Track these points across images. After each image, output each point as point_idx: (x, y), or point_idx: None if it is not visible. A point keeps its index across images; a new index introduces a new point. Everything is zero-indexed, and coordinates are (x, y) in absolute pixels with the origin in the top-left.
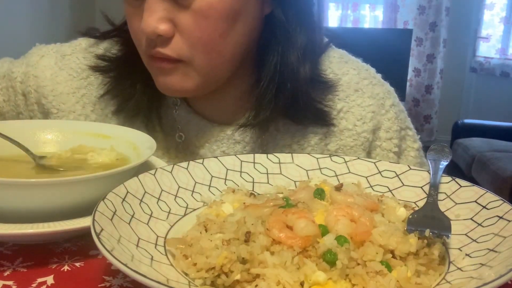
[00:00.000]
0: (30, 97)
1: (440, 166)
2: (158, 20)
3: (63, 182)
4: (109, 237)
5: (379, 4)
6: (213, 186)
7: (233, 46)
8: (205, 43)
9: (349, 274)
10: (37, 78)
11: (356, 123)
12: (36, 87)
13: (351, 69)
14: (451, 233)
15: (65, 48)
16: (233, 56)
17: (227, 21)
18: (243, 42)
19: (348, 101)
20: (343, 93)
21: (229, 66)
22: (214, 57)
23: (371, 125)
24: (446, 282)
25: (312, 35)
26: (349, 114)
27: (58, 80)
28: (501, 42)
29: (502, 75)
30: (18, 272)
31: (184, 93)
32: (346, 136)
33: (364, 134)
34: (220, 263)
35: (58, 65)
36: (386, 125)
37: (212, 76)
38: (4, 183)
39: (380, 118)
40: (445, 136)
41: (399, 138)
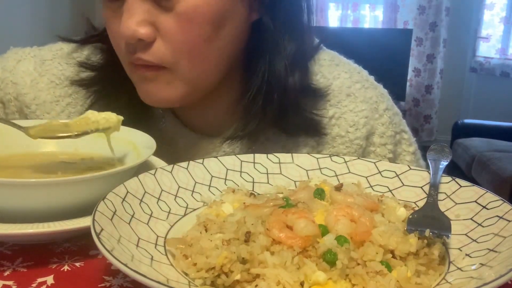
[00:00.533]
0: (10, 105)
1: (440, 166)
2: (138, 23)
3: (63, 182)
4: (109, 237)
5: (379, 4)
6: (213, 186)
7: (219, 52)
8: (189, 49)
9: (349, 274)
10: (16, 85)
11: (349, 130)
12: (16, 95)
13: (343, 73)
14: (451, 233)
15: (45, 53)
16: (219, 64)
17: (212, 25)
18: (230, 49)
19: (340, 107)
20: (334, 98)
21: (215, 74)
22: (198, 64)
23: (365, 131)
24: (446, 282)
25: (301, 43)
26: (342, 120)
27: (40, 87)
28: (501, 42)
29: (502, 75)
30: (18, 272)
31: (169, 103)
32: (339, 143)
33: (357, 141)
34: (220, 263)
35: (37, 70)
36: (380, 130)
37: (198, 85)
38: (4, 183)
39: (373, 123)
40: (445, 136)
41: (394, 143)
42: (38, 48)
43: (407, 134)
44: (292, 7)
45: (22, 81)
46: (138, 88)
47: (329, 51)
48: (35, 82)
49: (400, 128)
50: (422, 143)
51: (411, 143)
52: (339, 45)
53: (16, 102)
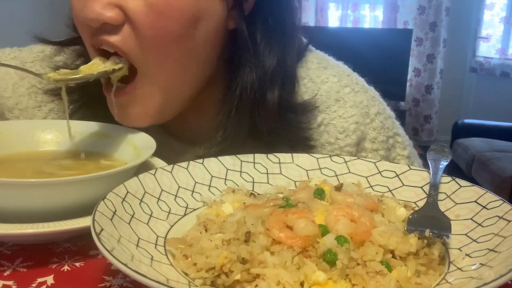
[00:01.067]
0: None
1: (440, 166)
2: (104, 5)
3: (63, 182)
4: (109, 237)
5: (379, 4)
6: (213, 186)
7: (192, 55)
8: (159, 45)
9: (349, 274)
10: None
11: (339, 136)
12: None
13: (331, 76)
14: (451, 233)
15: (25, 55)
16: (194, 70)
17: (183, 23)
18: (204, 54)
19: (329, 113)
20: (323, 104)
21: (191, 82)
22: (170, 65)
23: (355, 138)
24: (446, 282)
25: (283, 57)
26: (331, 126)
27: (21, 92)
28: (501, 42)
29: (502, 75)
30: (18, 272)
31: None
32: (328, 150)
33: (347, 148)
34: (220, 263)
35: (18, 73)
36: (371, 135)
37: (173, 94)
38: (4, 183)
39: (364, 128)
40: (445, 136)
41: (386, 148)
42: (18, 49)
43: (400, 137)
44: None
45: (3, 83)
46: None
47: (317, 53)
48: (16, 86)
49: (393, 132)
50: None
51: (405, 146)
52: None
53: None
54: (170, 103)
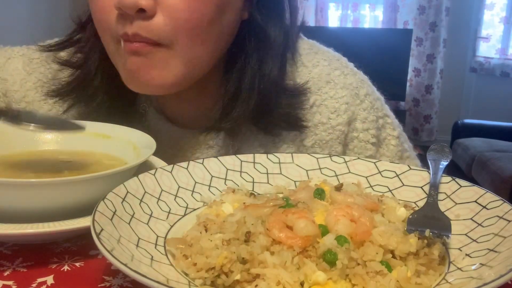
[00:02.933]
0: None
1: (440, 166)
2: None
3: (63, 182)
4: (109, 237)
5: (379, 4)
6: (213, 186)
7: (217, 38)
8: (192, 27)
9: (349, 274)
10: (5, 82)
11: (330, 116)
12: (5, 91)
13: (322, 60)
14: (451, 233)
15: (33, 52)
16: (215, 50)
17: (216, 8)
18: (225, 39)
19: (320, 94)
20: (315, 86)
21: (209, 60)
22: (198, 45)
23: (346, 117)
24: (446, 282)
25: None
26: (323, 107)
27: (28, 87)
28: (501, 42)
29: (502, 75)
30: (18, 272)
31: (160, 88)
32: (321, 130)
33: (339, 127)
34: (220, 263)
35: (25, 69)
36: (362, 115)
37: (193, 68)
38: (4, 183)
39: (354, 109)
40: (445, 136)
41: (377, 127)
42: (26, 47)
43: (390, 119)
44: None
45: (11, 78)
46: (126, 69)
47: (307, 40)
48: (24, 81)
49: (382, 113)
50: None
51: (395, 127)
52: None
53: (5, 98)
54: (187, 77)
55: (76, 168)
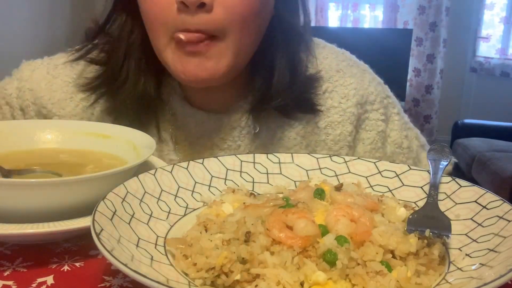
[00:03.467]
0: (29, 110)
1: (440, 166)
2: None
3: (63, 182)
4: (109, 237)
5: (379, 4)
6: (213, 186)
7: (259, 30)
8: (243, 19)
9: (349, 274)
10: (32, 91)
11: (341, 101)
12: (33, 99)
13: (329, 53)
14: (451, 233)
15: (56, 59)
16: (256, 42)
17: (260, 3)
18: (262, 31)
19: (332, 82)
20: (326, 74)
21: (252, 50)
22: (246, 36)
23: (355, 100)
24: (446, 282)
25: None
26: (334, 93)
27: (54, 88)
28: (501, 42)
29: (502, 75)
30: (18, 272)
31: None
32: (333, 113)
33: (349, 109)
34: (220, 263)
35: (50, 74)
36: (370, 98)
37: (241, 58)
38: (4, 183)
39: (362, 93)
40: (445, 136)
41: (384, 106)
42: (49, 58)
43: (391, 99)
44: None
45: (37, 86)
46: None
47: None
48: (49, 84)
49: (385, 94)
50: None
51: (395, 105)
52: (339, 45)
53: (34, 106)
54: (235, 68)
55: (76, 168)
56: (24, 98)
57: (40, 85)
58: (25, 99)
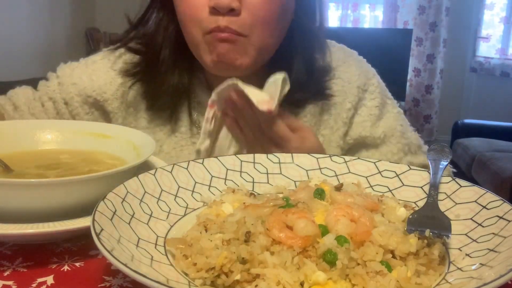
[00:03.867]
0: (73, 102)
1: (440, 166)
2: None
3: (63, 182)
4: (109, 237)
5: (379, 4)
6: (213, 186)
7: (281, 30)
8: (266, 22)
9: (349, 274)
10: (75, 85)
11: (344, 84)
12: (77, 92)
13: (338, 50)
14: (451, 233)
15: (93, 57)
16: (278, 41)
17: (282, 8)
18: (283, 32)
19: (338, 70)
20: (334, 62)
21: (273, 49)
22: (269, 35)
23: (356, 84)
24: (446, 282)
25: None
26: (339, 80)
27: (94, 78)
28: (501, 42)
29: (502, 75)
30: (18, 272)
31: (239, 69)
32: (336, 94)
33: (351, 90)
34: (220, 263)
35: (90, 68)
36: (370, 89)
37: (263, 54)
38: (4, 183)
39: (365, 81)
40: (445, 136)
41: (381, 103)
42: (85, 59)
43: (390, 100)
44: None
45: (79, 80)
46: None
47: None
48: (90, 77)
49: (385, 94)
50: None
51: (395, 106)
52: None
53: (79, 97)
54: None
55: (76, 168)
56: (67, 92)
57: (82, 78)
58: (69, 92)
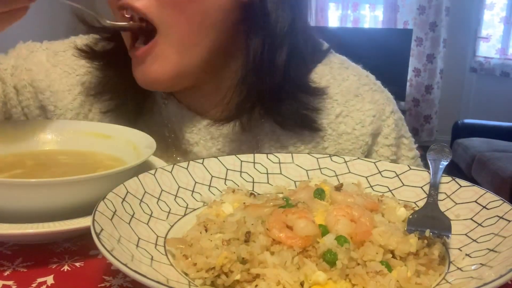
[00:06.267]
0: (25, 91)
1: (440, 166)
2: None
3: (63, 182)
4: (109, 237)
5: (379, 4)
6: (213, 186)
7: (204, 17)
8: (174, 3)
9: (349, 274)
10: (30, 72)
11: (355, 127)
12: (30, 81)
13: (352, 75)
14: (451, 233)
15: (57, 46)
16: (209, 34)
17: None
18: (219, 20)
19: (347, 106)
20: (342, 98)
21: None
22: (185, 26)
23: (370, 129)
24: (446, 282)
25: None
26: (348, 118)
27: (53, 77)
28: (501, 42)
29: (502, 75)
30: (18, 272)
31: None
32: (345, 140)
33: (362, 137)
34: (220, 263)
35: (50, 61)
36: (385, 131)
37: (189, 56)
38: (4, 183)
39: (380, 123)
40: (445, 136)
41: (397, 145)
42: (49, 42)
43: (407, 140)
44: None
45: (36, 68)
46: (135, 70)
47: (339, 56)
48: (48, 72)
49: (401, 134)
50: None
51: (411, 148)
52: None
53: (31, 88)
54: (186, 64)
55: (76, 168)
56: (20, 78)
57: (39, 68)
58: (22, 78)
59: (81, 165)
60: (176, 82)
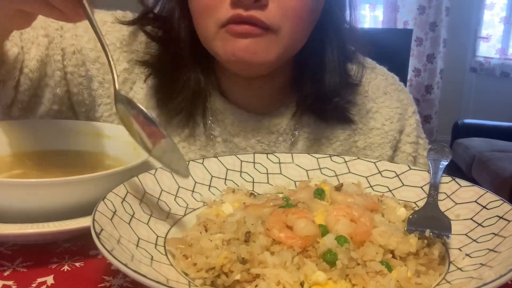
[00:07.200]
0: (73, 57)
1: (440, 166)
2: None
3: (63, 182)
4: (109, 237)
5: (379, 4)
6: (213, 186)
7: (310, 26)
8: (297, 14)
9: (349, 274)
10: (81, 38)
11: (384, 123)
12: (80, 48)
13: (379, 75)
14: (451, 233)
15: (104, 15)
16: (306, 36)
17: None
18: (311, 28)
19: (377, 102)
20: (373, 94)
21: (300, 45)
22: (298, 31)
23: (398, 126)
24: (446, 282)
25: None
26: (378, 114)
27: (99, 48)
28: (501, 42)
29: (502, 75)
30: (18, 272)
31: (262, 65)
32: (374, 134)
33: (391, 132)
34: (220, 263)
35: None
36: (407, 130)
37: (288, 52)
38: (5, 183)
39: (404, 122)
40: (445, 136)
41: (416, 143)
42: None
43: (422, 140)
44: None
45: (87, 35)
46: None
47: (366, 58)
48: (97, 42)
49: (419, 133)
50: None
51: (425, 147)
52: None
53: (80, 55)
54: (281, 59)
55: (76, 168)
56: (70, 42)
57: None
58: (71, 43)
59: (81, 165)
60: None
